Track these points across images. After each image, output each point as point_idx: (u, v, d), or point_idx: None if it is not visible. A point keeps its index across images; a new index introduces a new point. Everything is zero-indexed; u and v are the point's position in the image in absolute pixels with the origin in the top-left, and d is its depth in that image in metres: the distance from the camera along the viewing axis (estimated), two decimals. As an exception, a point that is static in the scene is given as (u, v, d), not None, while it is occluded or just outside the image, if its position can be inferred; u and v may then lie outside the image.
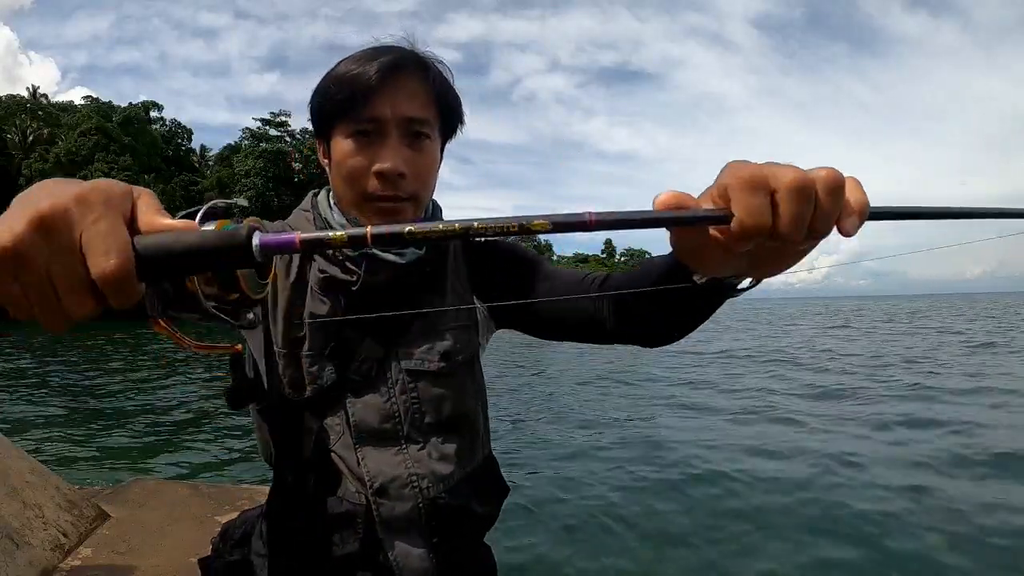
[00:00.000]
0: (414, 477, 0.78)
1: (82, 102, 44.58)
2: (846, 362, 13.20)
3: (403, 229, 0.36)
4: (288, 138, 43.03)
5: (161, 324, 0.39)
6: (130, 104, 44.89)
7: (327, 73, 0.77)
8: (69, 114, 42.45)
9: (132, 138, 40.68)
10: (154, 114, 47.30)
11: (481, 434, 0.87)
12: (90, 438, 6.43)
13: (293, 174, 40.69)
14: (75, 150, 37.82)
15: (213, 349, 0.45)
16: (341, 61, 0.77)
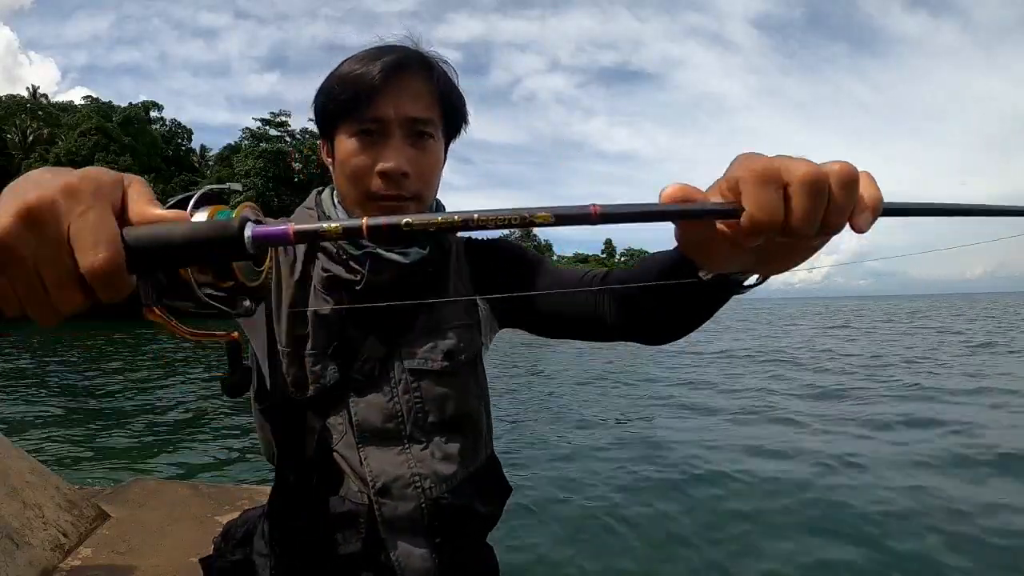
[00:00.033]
0: (417, 477, 0.77)
1: (82, 102, 44.62)
2: (846, 362, 13.19)
3: (400, 221, 0.35)
4: (288, 138, 42.98)
5: (156, 312, 0.38)
6: (130, 104, 44.98)
7: (331, 72, 0.77)
8: (69, 114, 42.48)
9: (132, 138, 40.71)
10: (154, 114, 47.38)
11: (484, 434, 0.87)
12: (90, 438, 6.43)
13: (293, 174, 40.65)
14: (75, 150, 37.77)
15: (209, 337, 0.44)
16: (345, 60, 0.77)
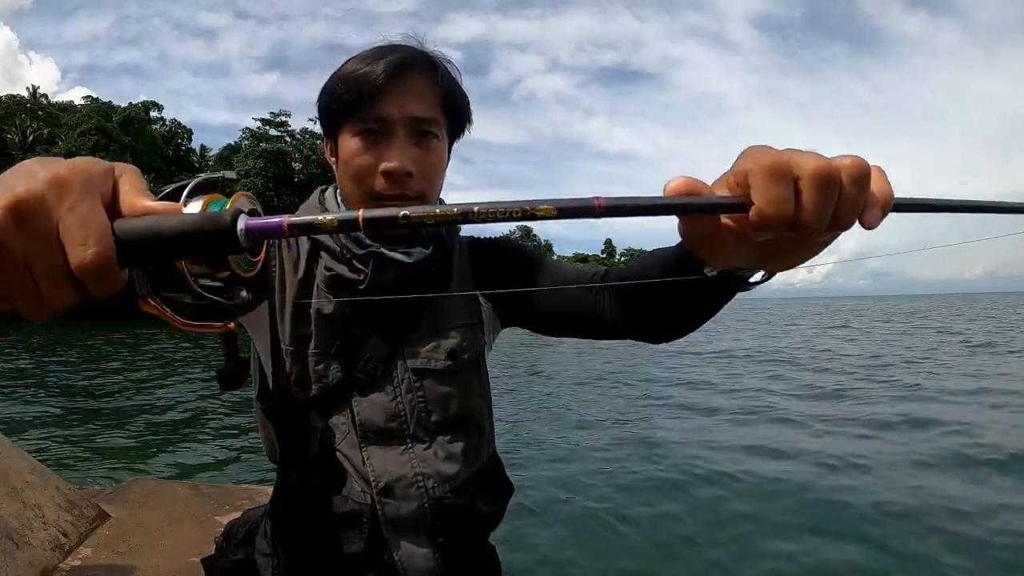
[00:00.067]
0: (420, 477, 0.77)
1: (82, 102, 44.57)
2: (846, 362, 13.19)
3: (397, 213, 0.35)
4: (288, 138, 42.99)
5: (151, 303, 0.38)
6: (130, 104, 44.96)
7: (335, 72, 0.76)
8: (69, 114, 42.43)
9: (132, 138, 40.68)
10: (154, 114, 47.36)
11: (486, 433, 0.86)
12: (90, 438, 6.42)
13: (293, 174, 40.66)
14: (75, 150, 37.71)
15: (205, 328, 0.44)
16: (349, 59, 0.76)
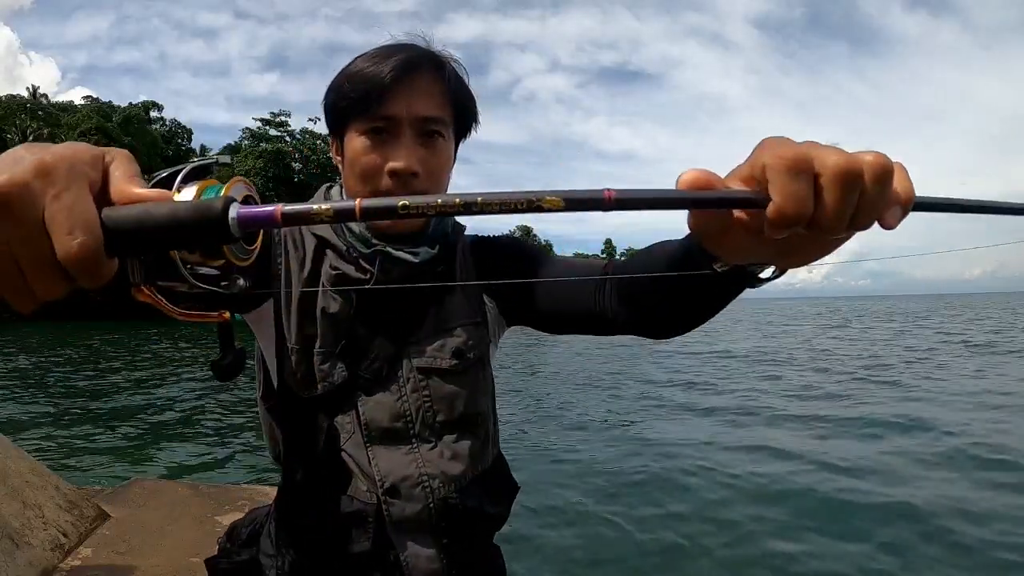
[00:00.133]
0: (425, 477, 0.77)
1: (82, 102, 44.54)
2: (845, 363, 13.20)
3: (396, 203, 0.34)
4: (288, 138, 43.03)
5: (144, 292, 0.37)
6: (130, 104, 44.91)
7: (342, 70, 0.76)
8: (69, 114, 42.36)
9: (132, 138, 40.58)
10: (154, 114, 47.29)
11: (492, 433, 0.86)
12: (90, 438, 6.42)
13: (293, 174, 40.68)
14: (75, 150, 37.73)
15: (200, 318, 0.43)
16: (356, 58, 0.76)
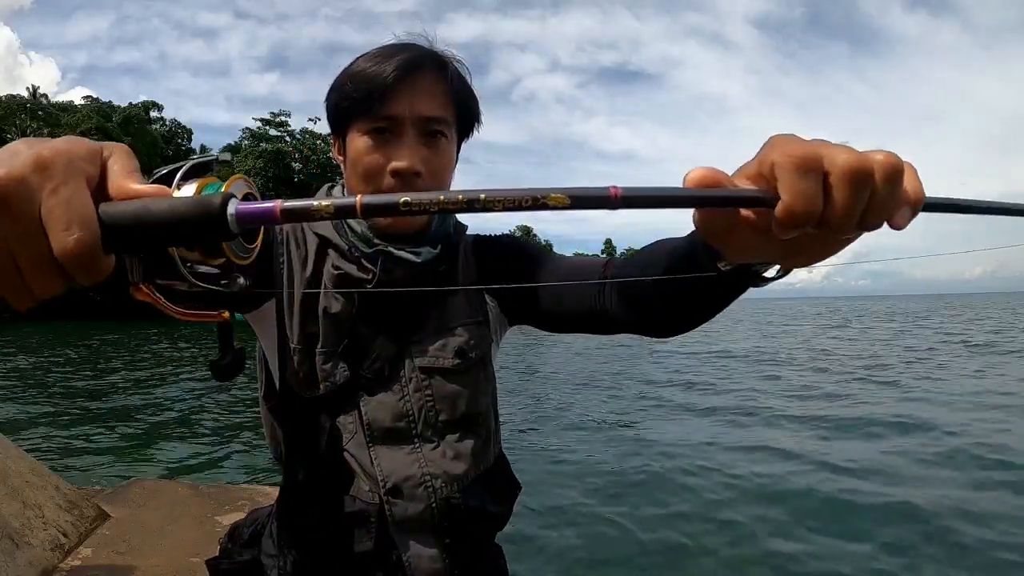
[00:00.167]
0: (427, 477, 0.77)
1: (82, 102, 44.58)
2: (845, 363, 13.19)
3: (398, 200, 0.33)
4: (288, 138, 43.03)
5: (143, 290, 0.36)
6: (130, 104, 44.97)
7: (344, 69, 0.76)
8: (69, 114, 42.37)
9: (132, 138, 40.52)
10: (154, 114, 47.32)
11: (494, 432, 0.86)
12: (90, 438, 6.41)
13: (293, 174, 40.69)
14: (75, 150, 37.74)
15: (200, 317, 0.43)
16: (359, 58, 0.75)
